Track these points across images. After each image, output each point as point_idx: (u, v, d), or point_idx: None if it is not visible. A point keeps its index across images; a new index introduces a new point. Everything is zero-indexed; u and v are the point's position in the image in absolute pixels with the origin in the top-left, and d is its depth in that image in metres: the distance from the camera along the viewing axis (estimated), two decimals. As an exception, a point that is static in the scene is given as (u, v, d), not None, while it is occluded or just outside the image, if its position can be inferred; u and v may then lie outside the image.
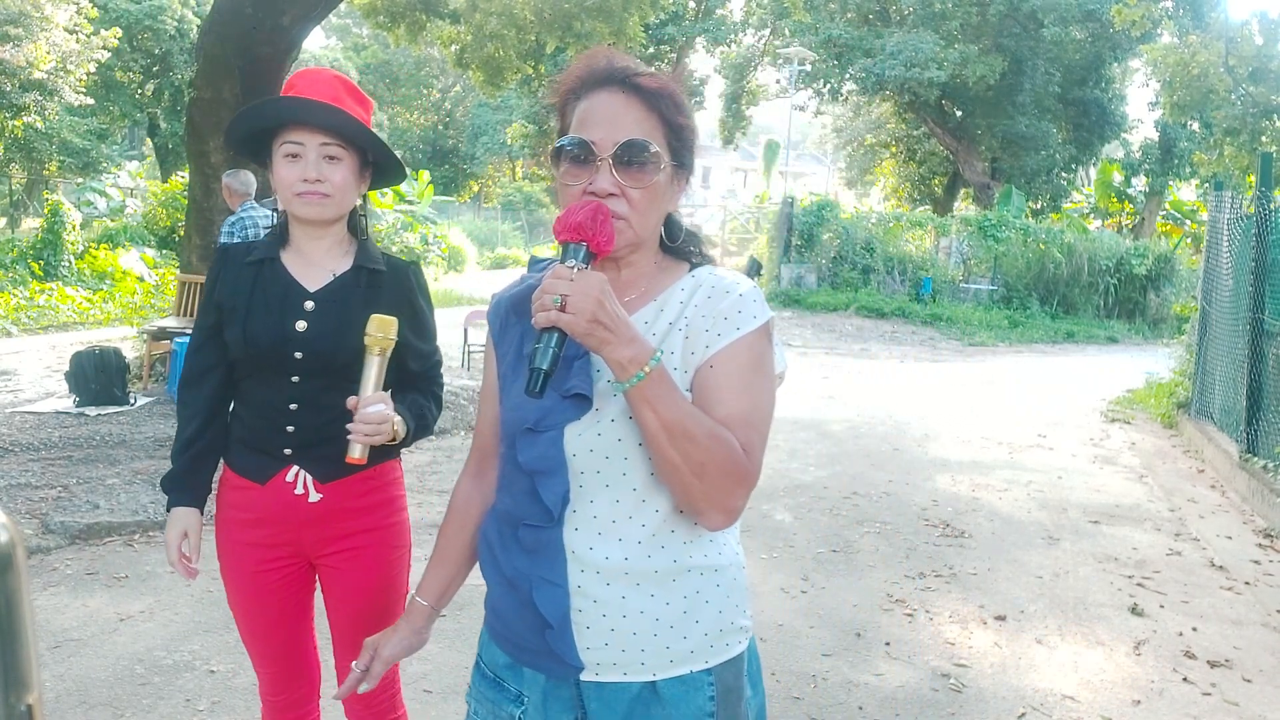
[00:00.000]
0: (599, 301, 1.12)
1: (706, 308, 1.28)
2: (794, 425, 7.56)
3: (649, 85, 1.29)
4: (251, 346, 1.86)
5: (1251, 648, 3.82)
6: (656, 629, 1.28)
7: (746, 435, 1.23)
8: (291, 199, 1.86)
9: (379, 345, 1.77)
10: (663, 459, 1.19)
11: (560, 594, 1.28)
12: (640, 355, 1.15)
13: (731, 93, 28.30)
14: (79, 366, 6.88)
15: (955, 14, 22.67)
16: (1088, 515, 5.57)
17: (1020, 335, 15.43)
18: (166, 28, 23.18)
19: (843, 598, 4.13)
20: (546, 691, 1.33)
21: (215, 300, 1.92)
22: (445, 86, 40.65)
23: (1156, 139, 25.13)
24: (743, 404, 1.24)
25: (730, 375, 1.25)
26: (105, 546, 4.39)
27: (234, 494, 1.97)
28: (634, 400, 1.17)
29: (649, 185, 1.26)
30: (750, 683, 1.37)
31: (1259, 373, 6.27)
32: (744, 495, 1.23)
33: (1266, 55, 14.25)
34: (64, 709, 2.96)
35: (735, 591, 1.35)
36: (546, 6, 11.26)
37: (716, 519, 1.24)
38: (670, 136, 1.30)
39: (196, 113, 7.80)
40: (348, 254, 1.96)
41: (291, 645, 2.03)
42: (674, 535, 1.29)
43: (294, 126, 1.84)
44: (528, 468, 1.29)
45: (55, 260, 14.35)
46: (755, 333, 1.26)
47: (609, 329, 1.13)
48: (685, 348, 1.27)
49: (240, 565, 1.98)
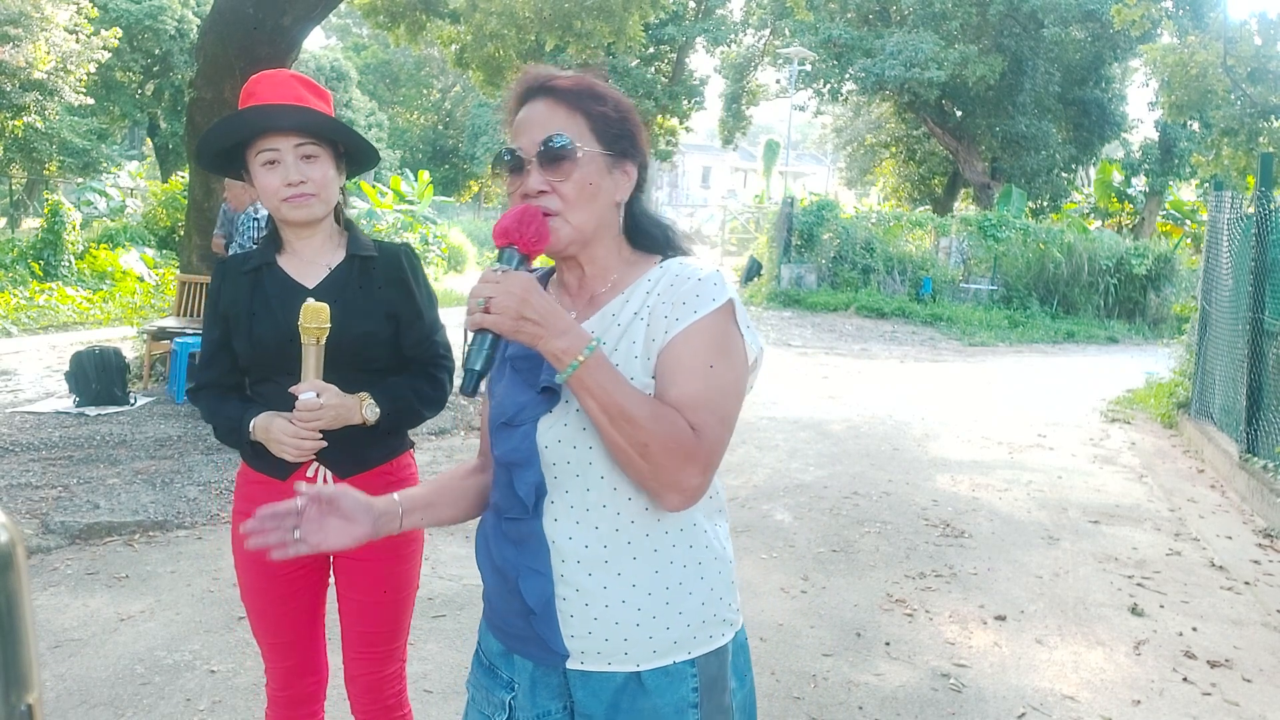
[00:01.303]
0: (522, 299, 1.19)
1: (668, 295, 1.31)
2: (794, 425, 7.57)
3: (563, 85, 1.36)
4: (259, 350, 1.90)
5: (1251, 648, 3.82)
6: (639, 619, 1.31)
7: (698, 416, 1.25)
8: (279, 205, 1.89)
9: (312, 334, 1.79)
10: (610, 443, 1.24)
11: (545, 582, 1.33)
12: (573, 345, 1.20)
13: (731, 93, 28.30)
14: (79, 366, 6.88)
15: (955, 14, 22.66)
16: (1088, 515, 5.57)
17: (1020, 335, 15.42)
18: (166, 28, 23.20)
19: (843, 597, 4.13)
20: (535, 678, 1.37)
21: (220, 313, 1.95)
22: (445, 86, 40.64)
23: (1156, 139, 25.13)
24: (695, 385, 1.26)
25: (684, 358, 1.27)
26: (105, 546, 4.39)
27: (252, 488, 1.98)
28: (574, 388, 1.22)
29: (574, 177, 1.31)
30: (736, 675, 1.39)
31: (1259, 373, 6.27)
32: (697, 474, 1.24)
33: (1265, 55, 14.23)
34: (64, 709, 2.96)
35: (720, 584, 1.37)
36: (546, 6, 11.26)
37: (672, 499, 1.26)
38: (595, 127, 1.34)
39: (196, 113, 7.80)
40: (340, 246, 2.00)
41: (302, 639, 2.05)
42: (658, 524, 1.32)
43: (267, 134, 1.85)
44: (503, 460, 1.36)
45: (55, 260, 14.35)
46: (713, 314, 1.29)
47: (537, 324, 1.19)
48: (647, 335, 1.30)
49: (255, 560, 1.97)
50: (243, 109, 1.89)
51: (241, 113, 1.89)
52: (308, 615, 2.05)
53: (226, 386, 1.98)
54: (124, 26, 21.40)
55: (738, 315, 1.31)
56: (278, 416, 1.85)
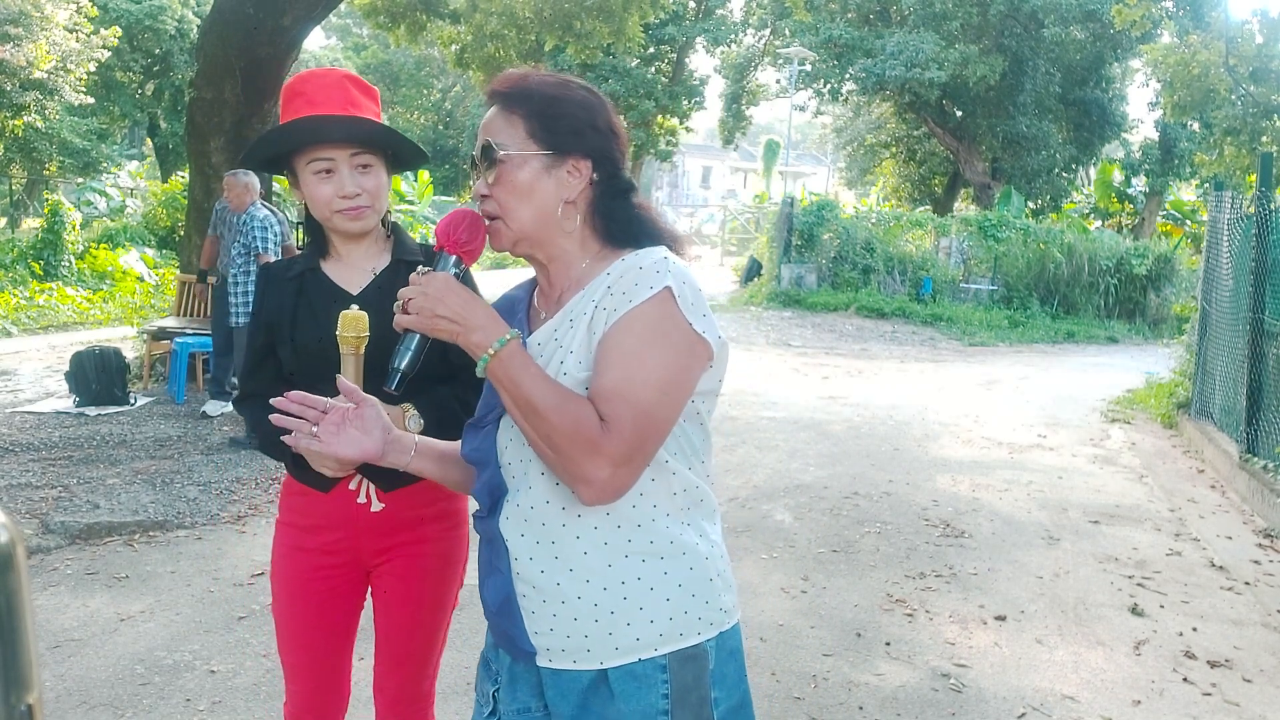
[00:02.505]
0: (437, 298, 1.25)
1: (617, 285, 1.29)
2: (794, 425, 7.56)
3: (503, 89, 1.37)
4: (302, 357, 1.86)
5: (1251, 648, 3.82)
6: (597, 614, 1.30)
7: (612, 407, 1.22)
8: (331, 216, 1.84)
9: (351, 344, 1.76)
10: (526, 436, 1.27)
11: (503, 581, 1.35)
12: (487, 339, 1.24)
13: (731, 93, 28.29)
14: (79, 366, 6.88)
15: (956, 14, 22.65)
16: (1088, 515, 5.57)
17: (1020, 335, 15.41)
18: (166, 28, 23.18)
19: (843, 598, 4.13)
20: (514, 674, 1.40)
21: (263, 320, 1.92)
22: (445, 86, 40.63)
23: (1156, 139, 25.12)
24: (616, 375, 1.24)
25: (613, 348, 1.26)
26: (105, 546, 4.39)
27: (294, 499, 1.94)
28: (491, 380, 1.26)
29: (504, 181, 1.33)
30: (718, 684, 1.33)
31: (1259, 373, 6.26)
32: (604, 466, 1.21)
33: (1267, 55, 14.23)
34: (64, 709, 2.96)
35: (693, 581, 1.32)
36: (546, 6, 11.26)
37: (583, 491, 1.24)
38: (531, 128, 1.34)
39: (197, 113, 7.80)
40: (385, 250, 1.95)
41: (328, 662, 1.98)
42: (607, 519, 1.30)
43: (321, 144, 1.80)
44: (468, 460, 1.42)
45: (55, 260, 14.34)
46: (649, 302, 1.25)
47: (454, 320, 1.25)
48: (589, 329, 1.30)
49: (293, 571, 1.93)
50: (298, 119, 1.82)
51: (297, 123, 1.81)
52: (337, 637, 1.98)
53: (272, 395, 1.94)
54: (124, 26, 21.38)
55: (680, 302, 1.26)
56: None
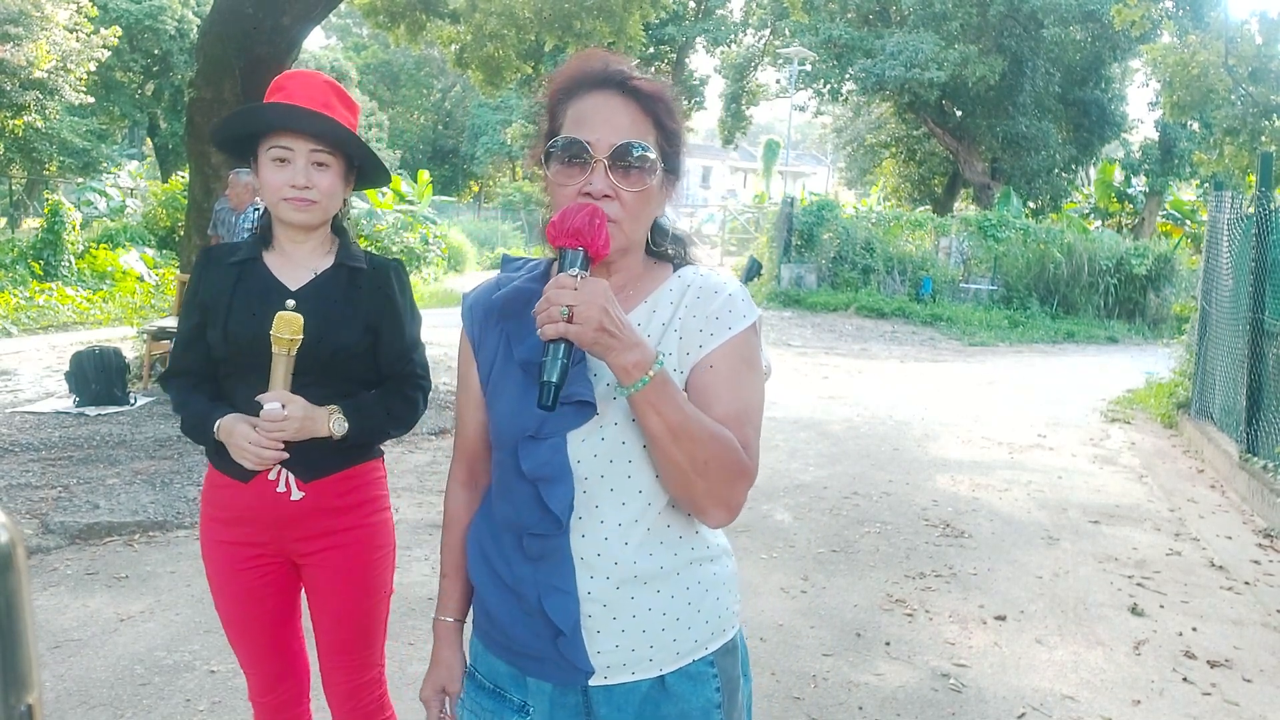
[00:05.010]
0: (604, 309, 1.12)
1: (697, 308, 1.29)
2: (794, 425, 7.56)
3: (645, 89, 1.28)
4: (232, 345, 1.87)
5: (1251, 648, 3.82)
6: (664, 624, 1.30)
7: (743, 432, 1.25)
8: (279, 203, 1.87)
9: (284, 344, 1.77)
10: (667, 460, 1.20)
11: (571, 601, 1.27)
12: (644, 360, 1.15)
13: (731, 93, 28.31)
14: (79, 366, 6.88)
15: (955, 14, 22.67)
16: (1088, 515, 5.57)
17: (1020, 335, 15.42)
18: (166, 28, 23.20)
19: (843, 598, 4.13)
20: (554, 700, 1.32)
21: (199, 301, 1.92)
22: (445, 86, 40.64)
23: (1156, 139, 25.13)
24: (738, 402, 1.26)
25: (724, 374, 1.27)
26: (105, 546, 4.39)
27: (216, 493, 1.96)
28: (638, 404, 1.17)
29: (644, 188, 1.25)
30: (744, 672, 1.41)
31: (1259, 373, 6.26)
32: (744, 491, 1.26)
33: (1266, 55, 14.22)
34: (64, 709, 2.96)
35: (730, 578, 1.39)
36: (546, 6, 11.26)
37: (720, 516, 1.26)
38: (663, 141, 1.29)
39: (196, 113, 7.80)
40: (329, 253, 1.97)
41: (277, 646, 2.02)
42: (670, 530, 1.31)
43: (284, 132, 1.83)
44: (532, 475, 1.26)
45: (55, 260, 14.35)
46: (746, 331, 1.29)
47: (614, 335, 1.13)
48: (680, 348, 1.29)
49: (222, 565, 1.96)
50: (268, 103, 1.86)
51: (266, 106, 1.86)
52: (280, 622, 2.01)
53: (199, 376, 1.93)
54: (124, 26, 21.41)
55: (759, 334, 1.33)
56: (242, 421, 1.81)
